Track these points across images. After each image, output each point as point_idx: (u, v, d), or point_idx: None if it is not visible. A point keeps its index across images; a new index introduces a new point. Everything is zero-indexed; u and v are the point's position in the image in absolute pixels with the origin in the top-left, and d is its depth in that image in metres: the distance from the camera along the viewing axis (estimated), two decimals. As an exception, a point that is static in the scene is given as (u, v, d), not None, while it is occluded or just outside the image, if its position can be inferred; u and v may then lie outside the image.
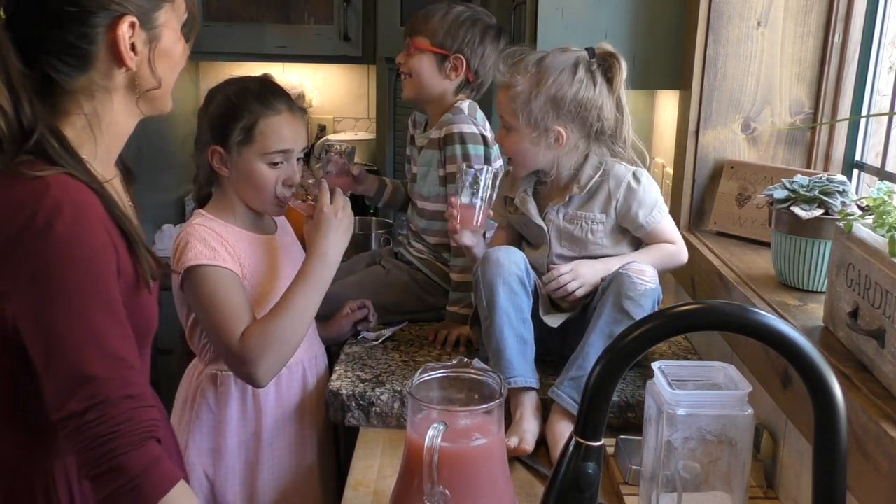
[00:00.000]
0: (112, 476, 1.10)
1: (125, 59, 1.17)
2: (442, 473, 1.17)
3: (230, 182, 1.69)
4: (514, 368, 1.59)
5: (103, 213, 1.15)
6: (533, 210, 1.73)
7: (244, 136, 1.64)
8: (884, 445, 1.02)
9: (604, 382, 0.87)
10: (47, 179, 1.11)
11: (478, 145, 1.97)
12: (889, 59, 1.70)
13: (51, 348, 1.11)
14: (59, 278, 1.10)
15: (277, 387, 1.70)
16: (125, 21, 1.16)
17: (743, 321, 0.85)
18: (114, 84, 1.20)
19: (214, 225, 1.67)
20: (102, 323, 1.12)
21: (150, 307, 1.28)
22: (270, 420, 1.71)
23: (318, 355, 1.84)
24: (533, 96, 1.61)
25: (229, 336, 1.57)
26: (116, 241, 1.16)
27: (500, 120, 1.68)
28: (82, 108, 1.19)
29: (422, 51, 1.99)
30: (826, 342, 1.28)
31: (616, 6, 1.96)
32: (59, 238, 1.09)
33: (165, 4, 1.22)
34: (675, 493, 1.24)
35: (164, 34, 1.22)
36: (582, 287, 1.64)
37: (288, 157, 1.68)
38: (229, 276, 1.61)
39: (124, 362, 1.13)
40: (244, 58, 3.06)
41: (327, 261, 1.63)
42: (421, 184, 2.09)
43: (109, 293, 1.14)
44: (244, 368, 1.57)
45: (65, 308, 1.10)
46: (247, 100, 1.65)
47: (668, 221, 1.69)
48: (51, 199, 1.09)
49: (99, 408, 1.09)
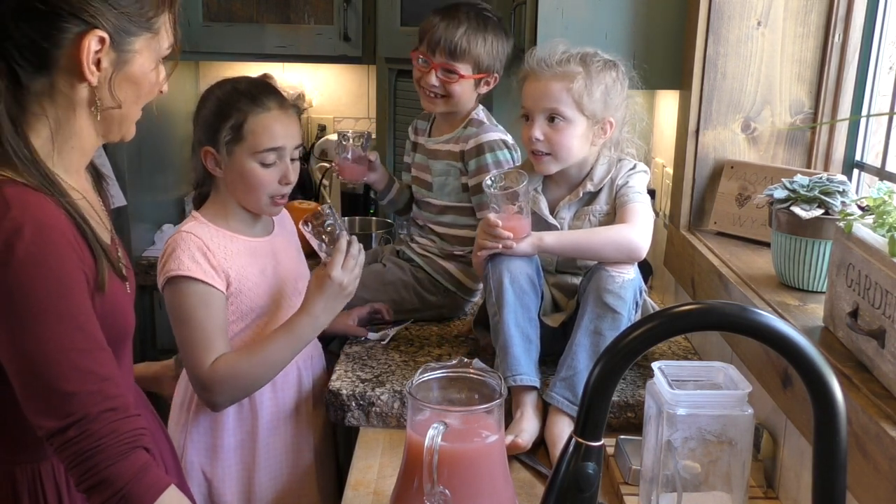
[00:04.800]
0: (101, 489, 1.11)
1: (85, 72, 1.15)
2: (442, 473, 1.17)
3: (224, 183, 1.69)
4: (519, 366, 1.60)
5: (66, 224, 1.15)
6: (544, 208, 1.73)
7: (233, 134, 1.63)
8: (884, 445, 1.02)
9: (604, 382, 0.87)
10: (8, 199, 1.10)
11: (505, 151, 2.00)
12: (889, 59, 1.70)
13: (25, 368, 1.11)
14: (25, 300, 1.10)
15: (273, 387, 1.70)
16: (95, 35, 1.14)
17: (743, 321, 0.85)
18: (77, 97, 1.18)
19: (205, 231, 1.66)
20: (73, 339, 1.12)
21: (122, 306, 1.27)
22: (266, 420, 1.71)
23: (315, 356, 1.84)
24: (592, 87, 1.63)
25: (198, 360, 1.58)
26: (82, 252, 1.16)
27: (547, 113, 1.65)
28: (46, 112, 1.18)
29: (463, 78, 1.99)
30: (826, 342, 1.28)
31: (616, 6, 1.96)
32: (21, 260, 1.09)
33: (145, 33, 1.20)
34: (675, 493, 1.24)
35: (134, 60, 1.19)
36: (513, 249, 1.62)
37: (281, 156, 1.67)
38: (210, 294, 1.61)
39: (97, 375, 1.13)
40: (244, 58, 3.06)
41: (316, 323, 1.63)
42: (438, 193, 2.09)
43: (78, 308, 1.13)
44: (204, 394, 1.61)
45: (34, 329, 1.10)
46: (236, 98, 1.64)
47: (640, 207, 1.67)
48: (10, 222, 1.09)
49: (80, 424, 1.10)
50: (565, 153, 1.67)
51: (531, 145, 1.67)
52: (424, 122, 2.17)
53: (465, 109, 2.05)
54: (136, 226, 2.67)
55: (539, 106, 1.65)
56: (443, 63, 1.98)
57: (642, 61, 1.90)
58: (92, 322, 1.15)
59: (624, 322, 1.58)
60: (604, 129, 1.68)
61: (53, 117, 1.18)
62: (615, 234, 1.64)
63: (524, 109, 1.69)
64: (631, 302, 1.61)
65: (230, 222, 1.71)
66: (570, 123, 1.65)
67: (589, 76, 1.64)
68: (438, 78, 1.99)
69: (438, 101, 2.03)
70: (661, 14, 1.96)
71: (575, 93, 1.63)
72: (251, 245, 1.71)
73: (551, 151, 1.67)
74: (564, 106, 1.64)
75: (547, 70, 1.65)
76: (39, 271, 1.10)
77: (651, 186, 1.84)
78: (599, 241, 1.64)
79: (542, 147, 1.66)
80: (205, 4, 2.96)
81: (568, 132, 1.65)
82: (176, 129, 2.89)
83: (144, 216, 2.78)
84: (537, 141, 1.66)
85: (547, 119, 1.65)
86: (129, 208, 2.53)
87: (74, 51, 1.14)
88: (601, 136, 1.68)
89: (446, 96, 2.01)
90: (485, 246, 1.64)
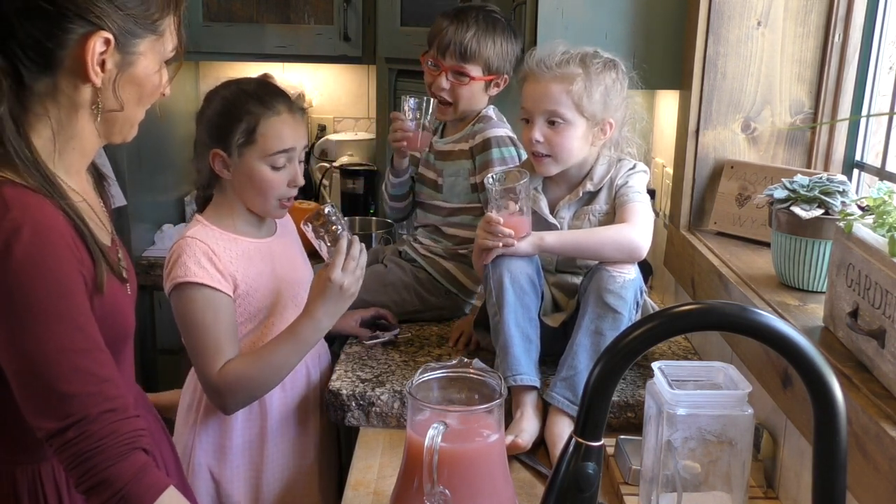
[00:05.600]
0: (99, 490, 1.11)
1: (89, 73, 1.15)
2: (442, 473, 1.17)
3: (232, 185, 1.68)
4: (519, 366, 1.60)
5: (65, 226, 1.14)
6: (544, 207, 1.73)
7: (245, 138, 1.63)
8: (884, 445, 1.02)
9: (604, 382, 0.87)
10: (7, 200, 1.10)
11: (511, 148, 2.00)
12: (889, 59, 1.70)
13: (24, 370, 1.11)
14: (24, 301, 1.10)
15: (283, 387, 1.70)
16: (100, 36, 1.14)
17: (743, 321, 0.85)
18: (80, 98, 1.18)
19: (210, 235, 1.66)
20: (72, 340, 1.12)
21: (122, 307, 1.27)
22: (276, 419, 1.71)
23: (322, 354, 1.85)
24: (592, 88, 1.63)
25: (208, 365, 1.58)
26: (81, 253, 1.16)
27: (547, 115, 1.64)
28: (49, 113, 1.18)
29: (474, 80, 1.99)
30: (826, 342, 1.28)
31: (616, 6, 1.96)
32: (19, 261, 1.09)
33: (150, 35, 1.20)
34: (675, 493, 1.24)
35: (139, 62, 1.19)
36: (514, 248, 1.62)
37: (290, 158, 1.67)
38: (218, 299, 1.61)
39: (97, 377, 1.13)
40: (244, 58, 3.06)
41: (319, 326, 1.62)
42: (448, 194, 2.09)
43: (77, 309, 1.13)
44: (216, 399, 1.61)
45: (33, 329, 1.10)
46: (246, 101, 1.64)
47: (640, 206, 1.67)
48: (9, 222, 1.09)
49: (79, 425, 1.10)
50: (565, 155, 1.67)
51: (531, 147, 1.67)
52: (436, 122, 2.17)
53: (475, 112, 2.05)
54: (136, 226, 2.67)
55: (539, 108, 1.65)
56: (453, 66, 1.98)
57: (642, 61, 1.90)
58: (91, 323, 1.15)
59: (625, 322, 1.58)
60: (603, 130, 1.68)
61: (55, 118, 1.18)
62: (616, 233, 1.64)
63: (524, 111, 1.69)
64: (632, 302, 1.61)
65: (236, 224, 1.70)
66: (570, 125, 1.65)
67: (588, 78, 1.64)
68: (449, 81, 1.99)
69: (448, 109, 2.03)
70: (661, 14, 1.96)
71: (574, 95, 1.63)
72: (256, 246, 1.71)
73: (551, 153, 1.67)
74: (564, 108, 1.64)
75: (546, 72, 1.65)
76: (38, 272, 1.10)
77: (651, 186, 1.84)
78: (600, 240, 1.64)
79: (541, 149, 1.66)
80: (205, 4, 2.96)
81: (567, 134, 1.65)
82: (176, 129, 2.89)
83: (144, 216, 2.78)
84: (537, 143, 1.66)
85: (546, 121, 1.65)
86: (129, 208, 2.53)
87: (79, 52, 1.14)
88: (601, 136, 1.68)
89: (454, 104, 2.01)
90: (486, 244, 1.63)
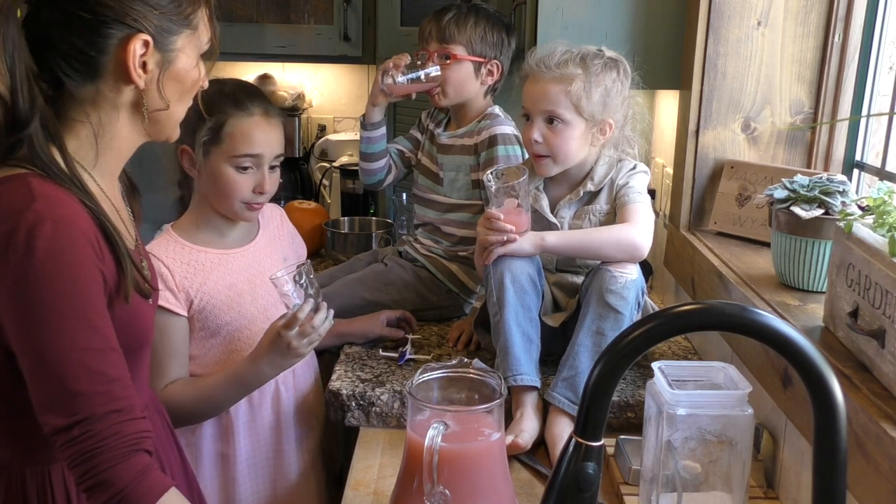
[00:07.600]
0: (100, 490, 1.11)
1: (133, 76, 1.17)
2: (442, 473, 1.17)
3: (199, 185, 1.66)
4: (519, 366, 1.60)
5: (89, 225, 1.14)
6: (545, 206, 1.73)
7: (211, 135, 1.60)
8: (884, 445, 1.02)
9: (604, 382, 0.87)
10: (33, 192, 1.10)
11: (517, 146, 2.00)
12: (889, 59, 1.70)
13: (35, 364, 1.11)
14: (39, 295, 1.09)
15: (249, 402, 1.67)
16: (139, 38, 1.16)
17: (743, 321, 0.85)
18: (121, 99, 1.19)
19: (168, 250, 1.62)
20: (85, 339, 1.11)
21: (143, 317, 1.27)
22: (243, 434, 1.69)
23: (297, 370, 1.77)
24: (591, 89, 1.63)
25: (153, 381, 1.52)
26: (104, 254, 1.16)
27: (545, 115, 1.65)
28: (88, 117, 1.19)
29: (459, 60, 2.00)
30: (826, 342, 1.28)
31: (616, 6, 1.96)
32: (39, 255, 1.08)
33: (185, 30, 1.21)
34: (675, 493, 1.24)
35: (178, 58, 1.21)
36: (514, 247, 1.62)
37: (258, 163, 1.62)
38: (165, 319, 1.56)
39: (107, 376, 1.12)
40: (244, 58, 3.06)
41: (261, 374, 1.57)
42: (448, 189, 2.09)
43: (93, 308, 1.13)
44: None
45: (46, 325, 1.10)
46: (219, 99, 1.59)
47: (641, 206, 1.67)
48: (33, 214, 1.09)
49: (84, 423, 1.10)
50: (564, 155, 1.67)
51: (531, 147, 1.68)
52: (441, 114, 2.17)
53: (471, 99, 2.06)
54: (135, 226, 2.67)
55: (537, 108, 1.66)
56: (437, 49, 2.01)
57: (642, 61, 1.90)
58: (106, 323, 1.14)
59: (626, 322, 1.58)
60: (603, 131, 1.67)
61: (96, 121, 1.19)
62: (617, 233, 1.64)
63: (524, 110, 1.69)
64: (633, 302, 1.61)
65: (202, 233, 1.67)
66: (569, 126, 1.65)
67: (588, 78, 1.64)
68: (436, 64, 2.01)
69: (440, 94, 2.04)
70: (661, 14, 1.96)
71: (573, 95, 1.63)
72: (220, 258, 1.67)
73: (550, 153, 1.67)
74: (562, 108, 1.64)
75: (546, 72, 1.65)
76: (57, 267, 1.10)
77: (651, 186, 1.84)
78: (601, 240, 1.64)
79: (540, 149, 1.67)
80: (205, 4, 2.96)
81: (566, 134, 1.65)
82: (176, 130, 2.88)
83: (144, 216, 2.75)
84: (536, 143, 1.66)
85: (545, 121, 1.65)
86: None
87: (121, 56, 1.16)
88: (600, 137, 1.68)
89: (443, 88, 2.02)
90: (487, 240, 1.63)
